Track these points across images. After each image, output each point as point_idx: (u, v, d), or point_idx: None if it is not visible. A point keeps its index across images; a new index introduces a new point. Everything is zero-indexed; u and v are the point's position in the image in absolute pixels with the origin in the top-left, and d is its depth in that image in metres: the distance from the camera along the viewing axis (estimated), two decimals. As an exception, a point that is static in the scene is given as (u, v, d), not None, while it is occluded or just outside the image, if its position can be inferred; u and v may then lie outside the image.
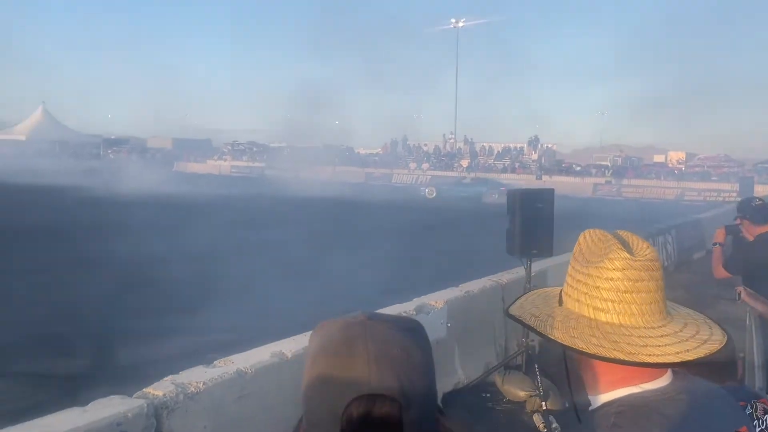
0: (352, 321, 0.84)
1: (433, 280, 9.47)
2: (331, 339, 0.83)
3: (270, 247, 13.32)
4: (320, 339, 0.85)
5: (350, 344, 0.81)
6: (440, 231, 16.80)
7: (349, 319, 0.85)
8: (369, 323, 0.83)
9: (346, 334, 0.82)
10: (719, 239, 4.45)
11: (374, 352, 0.79)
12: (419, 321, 0.91)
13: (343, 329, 0.83)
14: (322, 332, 0.86)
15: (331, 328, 0.85)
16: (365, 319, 0.84)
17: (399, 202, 25.33)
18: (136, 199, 22.57)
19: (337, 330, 0.84)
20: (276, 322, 7.32)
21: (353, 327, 0.83)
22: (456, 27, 56.44)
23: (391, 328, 0.83)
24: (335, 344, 0.82)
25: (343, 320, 0.85)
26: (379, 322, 0.84)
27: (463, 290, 5.49)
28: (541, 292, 1.30)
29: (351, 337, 0.81)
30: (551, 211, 4.96)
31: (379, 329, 0.83)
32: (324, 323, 0.88)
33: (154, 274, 9.87)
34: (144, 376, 5.26)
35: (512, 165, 43.76)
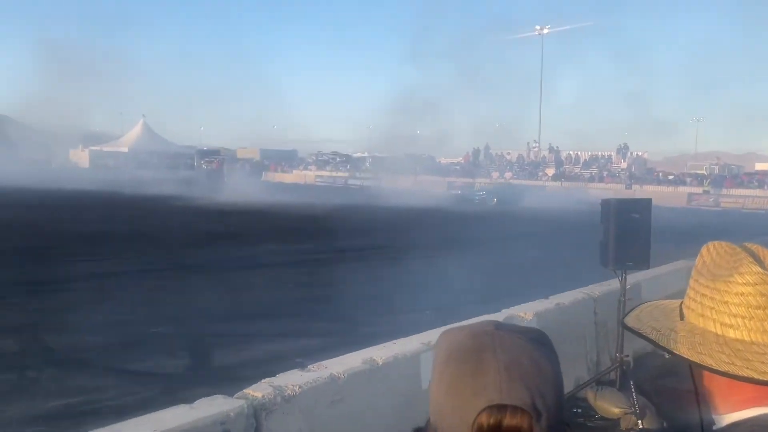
0: (479, 330, 0.84)
1: (520, 290, 9.33)
2: (460, 348, 0.83)
3: (371, 254, 13.53)
4: (448, 347, 0.85)
5: (479, 353, 0.81)
6: (522, 240, 16.48)
7: (476, 329, 0.85)
8: (497, 333, 0.83)
9: (475, 343, 0.82)
10: None
11: (504, 362, 0.79)
12: (544, 332, 0.90)
13: (471, 338, 0.83)
14: (448, 340, 0.86)
15: (458, 337, 0.85)
16: (493, 329, 0.84)
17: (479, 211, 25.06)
18: (240, 208, 23.60)
19: (464, 338, 0.84)
20: (366, 328, 7.43)
21: (481, 336, 0.83)
22: (540, 34, 55.38)
23: (519, 339, 0.83)
24: (464, 353, 0.82)
25: (470, 329, 0.86)
26: (506, 332, 0.84)
27: (554, 302, 5.36)
28: (657, 304, 1.26)
29: (479, 346, 0.82)
30: (648, 222, 4.75)
31: (508, 339, 0.82)
32: (449, 331, 0.88)
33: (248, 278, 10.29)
34: (239, 377, 5.50)
35: (600, 174, 42.29)
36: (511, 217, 22.83)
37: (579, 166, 46.18)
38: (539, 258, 13.63)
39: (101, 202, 25.57)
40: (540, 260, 13.29)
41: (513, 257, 13.65)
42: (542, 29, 55.35)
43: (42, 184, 31.99)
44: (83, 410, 4.78)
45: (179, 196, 28.65)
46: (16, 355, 6.13)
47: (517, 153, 51.40)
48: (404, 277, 11.01)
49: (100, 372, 5.66)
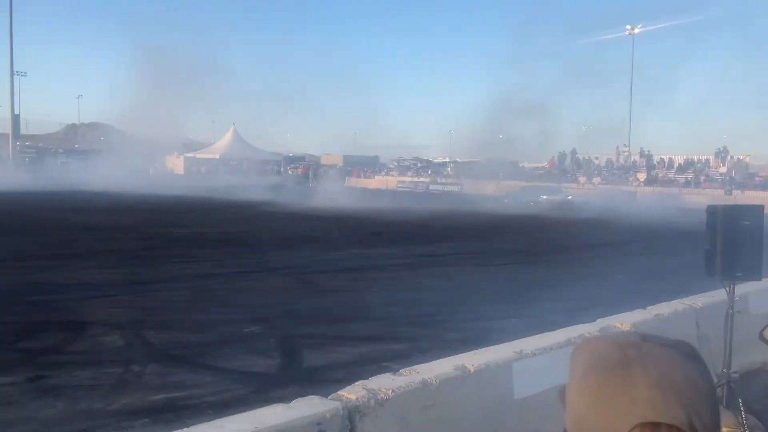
0: (625, 342, 0.80)
1: (612, 300, 8.98)
2: (604, 358, 0.79)
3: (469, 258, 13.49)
4: (589, 357, 0.81)
5: (627, 366, 0.77)
6: (616, 248, 15.85)
7: (621, 339, 0.81)
8: (644, 345, 0.79)
9: (621, 355, 0.78)
10: None
11: (656, 377, 0.75)
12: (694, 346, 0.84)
13: (617, 349, 0.79)
14: (589, 350, 0.83)
15: (600, 347, 0.81)
16: (639, 340, 0.80)
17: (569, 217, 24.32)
18: (325, 213, 24.17)
19: (608, 349, 0.80)
20: (451, 334, 7.39)
21: (627, 348, 0.79)
22: (631, 34, 53.22)
23: (670, 353, 0.78)
24: (610, 364, 0.78)
25: (613, 339, 0.82)
26: (655, 345, 0.79)
27: (652, 313, 5.12)
28: None
29: (626, 358, 0.77)
30: (760, 230, 4.43)
31: (657, 353, 0.78)
32: (589, 340, 0.85)
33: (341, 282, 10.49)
34: (328, 379, 5.60)
35: (696, 179, 40.06)
36: (593, 224, 22.02)
37: (673, 171, 43.93)
38: (635, 267, 13.07)
39: (196, 206, 26.86)
40: (635, 269, 12.73)
41: (605, 265, 13.16)
42: (633, 29, 53.19)
43: (141, 189, 34.00)
44: (183, 405, 5.02)
45: (267, 201, 29.63)
46: (122, 350, 6.52)
47: (606, 157, 49.54)
48: (490, 284, 10.87)
49: (198, 368, 5.92)
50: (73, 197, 29.34)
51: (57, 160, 61.13)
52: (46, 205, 24.88)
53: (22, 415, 4.77)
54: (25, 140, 69.33)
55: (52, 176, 44.11)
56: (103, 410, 4.86)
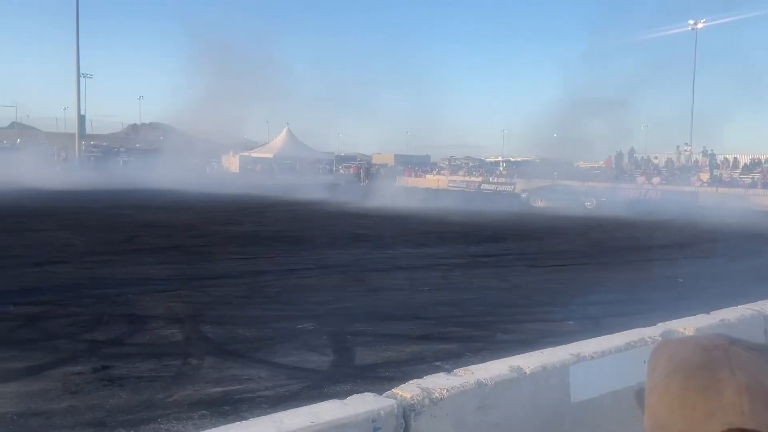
0: (710, 344, 0.78)
1: (671, 304, 8.68)
2: (688, 361, 0.77)
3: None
4: (672, 359, 0.79)
5: (713, 369, 0.74)
6: (676, 250, 15.32)
7: (706, 342, 0.79)
8: (732, 349, 0.76)
9: (706, 358, 0.76)
10: None
11: (744, 382, 0.72)
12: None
13: (702, 352, 0.77)
14: (671, 353, 0.81)
15: (684, 349, 0.79)
16: (726, 343, 0.77)
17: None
18: (377, 212, 24.31)
19: (692, 351, 0.78)
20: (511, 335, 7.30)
21: (713, 351, 0.76)
22: (694, 29, 51.32)
23: (759, 358, 0.75)
24: (694, 366, 0.76)
25: (698, 341, 0.79)
26: (743, 348, 0.77)
27: (717, 318, 4.89)
28: None
29: (712, 362, 0.75)
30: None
31: (745, 357, 0.75)
32: (670, 342, 0.83)
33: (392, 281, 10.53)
34: (381, 377, 5.62)
35: (763, 179, 38.28)
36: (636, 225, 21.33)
37: (738, 171, 42.13)
38: (697, 269, 12.61)
39: (251, 204, 27.43)
40: (696, 274, 12.28)
41: (664, 267, 12.75)
42: (696, 23, 51.28)
43: (199, 187, 34.96)
44: (239, 398, 5.13)
45: (319, 200, 29.99)
46: (181, 343, 6.71)
47: (666, 157, 47.95)
48: (544, 285, 10.69)
49: (253, 363, 6.04)
50: (134, 195, 30.41)
51: (119, 159, 63.53)
52: (108, 203, 25.88)
53: (88, 404, 4.97)
54: (90, 140, 72.24)
55: (115, 175, 45.92)
56: (164, 401, 5.02)
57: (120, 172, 51.25)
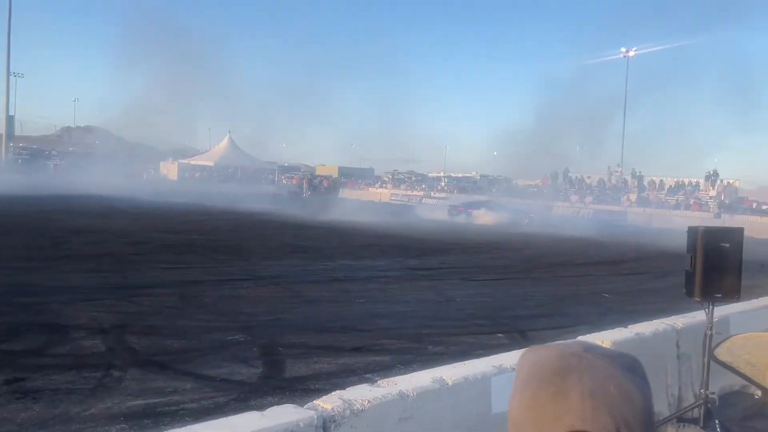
0: (567, 351, 0.80)
1: (597, 318, 9.01)
2: (544, 367, 0.79)
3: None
4: (531, 366, 0.82)
5: (564, 375, 0.77)
6: (604, 267, 15.91)
7: (564, 348, 0.81)
8: (585, 355, 0.78)
9: (561, 364, 0.78)
10: None
11: (590, 387, 0.75)
12: (637, 358, 0.84)
13: (557, 358, 0.79)
14: (533, 359, 0.83)
15: (543, 356, 0.81)
16: (581, 350, 0.79)
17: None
18: (317, 223, 24.13)
19: (549, 358, 0.80)
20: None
21: (568, 357, 0.79)
22: (626, 57, 53.76)
23: (609, 364, 0.78)
24: (548, 373, 0.78)
25: (557, 348, 0.82)
26: (596, 355, 0.79)
27: (633, 332, 5.14)
28: (750, 336, 1.20)
29: (565, 367, 0.77)
30: (740, 252, 4.49)
31: (597, 364, 0.78)
32: (535, 349, 0.85)
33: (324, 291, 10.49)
34: (310, 389, 5.59)
35: (686, 201, 40.33)
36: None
37: (664, 192, 44.24)
38: (622, 285, 13.12)
39: (188, 213, 26.80)
40: (622, 290, 12.79)
41: (593, 283, 13.21)
42: (628, 51, 53.71)
43: (134, 193, 33.91)
44: (162, 411, 4.99)
45: (260, 210, 29.61)
46: (103, 354, 6.48)
47: (598, 177, 49.85)
48: (477, 298, 10.88)
49: (179, 375, 5.88)
50: (64, 200, 29.22)
51: (50, 163, 60.92)
52: (35, 207, 24.75)
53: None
54: (19, 142, 68.98)
55: (44, 178, 43.97)
56: (80, 415, 4.83)
57: (50, 176, 49.11)
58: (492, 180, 56.04)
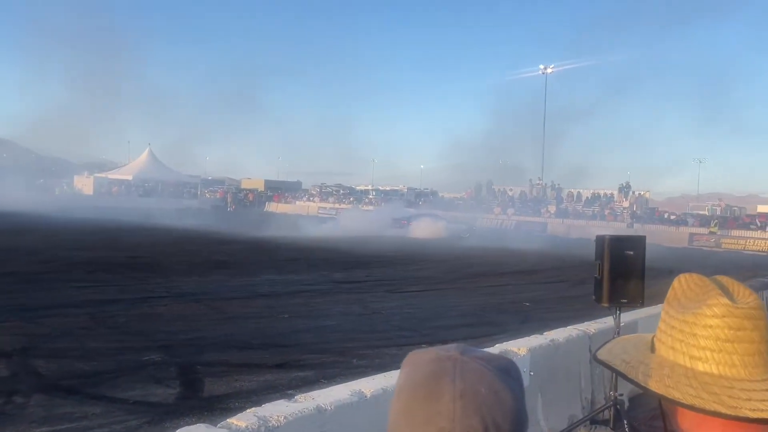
0: (444, 355, 0.82)
1: (516, 325, 9.27)
2: (420, 371, 0.80)
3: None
4: (409, 370, 0.83)
5: (438, 379, 0.78)
6: (525, 276, 16.40)
7: (441, 353, 0.82)
8: (461, 359, 0.80)
9: (436, 368, 0.80)
10: None
11: (461, 389, 0.77)
12: (514, 361, 0.87)
13: (434, 362, 0.81)
14: (413, 361, 0.84)
15: (421, 360, 0.83)
16: (458, 354, 0.81)
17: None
18: (241, 238, 23.56)
19: (426, 362, 0.81)
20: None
21: (444, 361, 0.80)
22: (544, 73, 56.06)
23: (484, 367, 0.80)
24: (423, 377, 0.79)
25: (435, 353, 0.83)
26: (472, 358, 0.81)
27: (548, 338, 5.30)
28: (631, 337, 1.24)
29: (440, 371, 0.79)
30: (643, 259, 4.74)
31: (471, 366, 0.80)
32: (415, 354, 0.86)
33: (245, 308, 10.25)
34: (228, 408, 5.43)
35: (601, 212, 42.33)
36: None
37: (581, 204, 46.27)
38: (541, 294, 13.56)
39: (102, 229, 25.62)
40: (541, 298, 13.21)
41: (514, 292, 13.58)
42: (546, 68, 56.02)
43: (44, 209, 32.12)
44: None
45: (181, 225, 28.70)
46: (6, 379, 6.06)
47: (520, 189, 51.57)
48: (402, 310, 10.96)
49: (88, 399, 5.58)
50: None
51: (-49, 177, 56.82)
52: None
53: None
54: None
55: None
56: (-24, 446, 4.49)
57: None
58: (419, 193, 56.93)
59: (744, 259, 25.48)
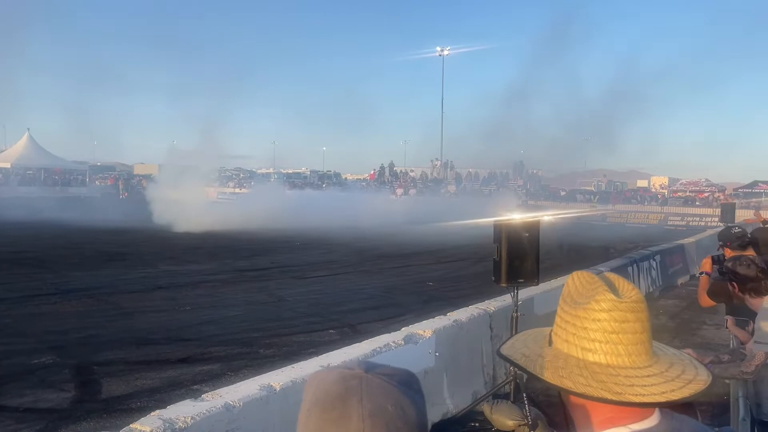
0: (349, 374, 0.84)
1: (421, 306, 9.51)
2: (327, 392, 0.82)
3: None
4: (315, 391, 0.84)
5: (345, 399, 0.80)
6: (429, 257, 16.81)
7: (346, 372, 0.84)
8: (365, 377, 0.83)
9: (342, 388, 0.81)
10: (706, 268, 4.54)
11: (369, 409, 0.79)
12: (414, 372, 0.90)
13: (340, 382, 0.83)
14: (317, 383, 0.85)
15: (327, 380, 0.84)
16: (362, 372, 0.84)
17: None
18: (135, 227, 22.38)
19: (332, 382, 0.83)
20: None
21: (349, 380, 0.82)
22: (441, 55, 57.20)
23: (388, 382, 0.83)
24: (331, 398, 0.81)
25: (340, 372, 0.85)
26: (375, 375, 0.83)
27: (452, 319, 5.50)
28: (532, 332, 1.33)
29: (346, 390, 0.81)
30: (537, 241, 5.01)
31: (376, 384, 0.82)
32: (319, 374, 0.87)
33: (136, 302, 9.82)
34: (130, 408, 5.22)
35: (498, 190, 44.10)
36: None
37: (479, 183, 47.96)
38: (445, 273, 13.96)
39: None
40: (443, 277, 13.60)
41: (419, 273, 13.89)
42: (443, 50, 57.17)
43: None
44: (-51, 455, 4.35)
45: (69, 215, 26.88)
46: None
47: (421, 170, 52.66)
48: (308, 296, 10.92)
49: (-30, 410, 5.17)
50: None
51: None
52: None
53: None
54: None
55: None
56: None
57: None
58: (322, 175, 56.69)
59: (626, 232, 27.45)
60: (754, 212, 17.72)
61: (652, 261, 11.54)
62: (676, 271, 12.79)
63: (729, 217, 16.01)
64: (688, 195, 43.80)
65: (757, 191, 43.04)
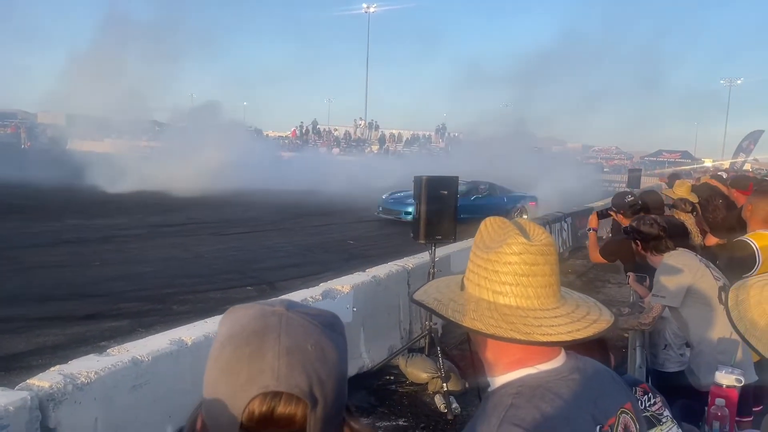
0: (269, 310, 0.78)
1: (341, 264, 9.53)
2: (244, 327, 0.76)
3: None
4: (231, 325, 0.78)
5: (263, 335, 0.75)
6: (348, 215, 16.81)
7: (266, 307, 0.79)
8: (286, 314, 0.77)
9: (260, 324, 0.76)
10: (593, 224, 4.78)
11: (287, 346, 0.74)
12: (338, 315, 0.85)
13: (258, 318, 0.77)
14: (234, 317, 0.79)
15: (244, 315, 0.78)
16: (283, 309, 0.78)
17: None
18: (38, 180, 20.93)
19: (250, 317, 0.77)
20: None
21: (269, 317, 0.77)
22: (367, 12, 56.28)
23: (309, 322, 0.78)
24: (247, 333, 0.75)
25: (260, 307, 0.79)
26: (296, 313, 0.78)
27: (370, 275, 5.52)
28: (445, 279, 1.32)
29: (265, 327, 0.75)
30: (455, 198, 5.07)
31: (297, 322, 0.77)
32: (237, 308, 0.81)
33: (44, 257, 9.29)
34: (30, 365, 4.96)
35: (420, 152, 44.52)
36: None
37: (402, 144, 48.19)
38: (365, 231, 14.02)
39: None
40: (364, 236, 13.66)
41: (338, 231, 13.88)
42: (369, 7, 56.25)
43: None
44: None
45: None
46: None
47: (345, 129, 52.21)
48: (227, 253, 10.69)
49: None
50: None
51: None
52: None
53: None
54: None
55: None
56: None
57: None
58: (245, 130, 54.99)
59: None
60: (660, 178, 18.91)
61: (563, 223, 12.05)
62: (585, 233, 13.41)
63: (635, 183, 16.92)
64: (599, 162, 45.92)
65: (661, 160, 45.82)
